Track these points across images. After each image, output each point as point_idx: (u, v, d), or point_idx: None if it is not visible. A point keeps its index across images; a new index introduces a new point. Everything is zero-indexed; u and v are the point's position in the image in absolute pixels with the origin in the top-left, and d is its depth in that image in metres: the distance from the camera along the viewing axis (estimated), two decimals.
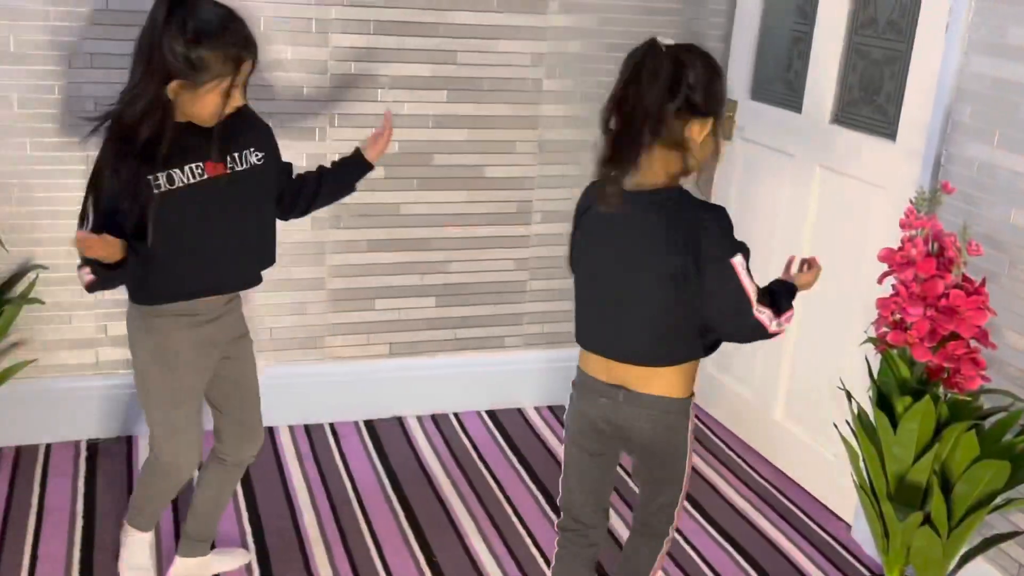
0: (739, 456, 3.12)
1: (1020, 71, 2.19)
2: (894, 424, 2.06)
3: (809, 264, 2.03)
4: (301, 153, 2.89)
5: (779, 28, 3.02)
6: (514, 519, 2.71)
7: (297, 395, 3.10)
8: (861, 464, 2.19)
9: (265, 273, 2.95)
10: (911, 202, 2.04)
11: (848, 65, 2.74)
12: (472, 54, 2.99)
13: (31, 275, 2.75)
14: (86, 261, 1.95)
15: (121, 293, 2.85)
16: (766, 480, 3.00)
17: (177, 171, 2.00)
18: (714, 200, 3.28)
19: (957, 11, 2.32)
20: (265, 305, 3.00)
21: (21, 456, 2.84)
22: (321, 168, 2.32)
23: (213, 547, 2.44)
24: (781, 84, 3.01)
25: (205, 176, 2.03)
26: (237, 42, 1.94)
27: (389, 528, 2.63)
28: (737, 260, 1.78)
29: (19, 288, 2.73)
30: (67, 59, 2.66)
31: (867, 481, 2.17)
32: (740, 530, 2.73)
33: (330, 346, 3.11)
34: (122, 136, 1.96)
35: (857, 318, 2.64)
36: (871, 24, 2.66)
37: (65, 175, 2.74)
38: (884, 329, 2.06)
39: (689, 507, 2.82)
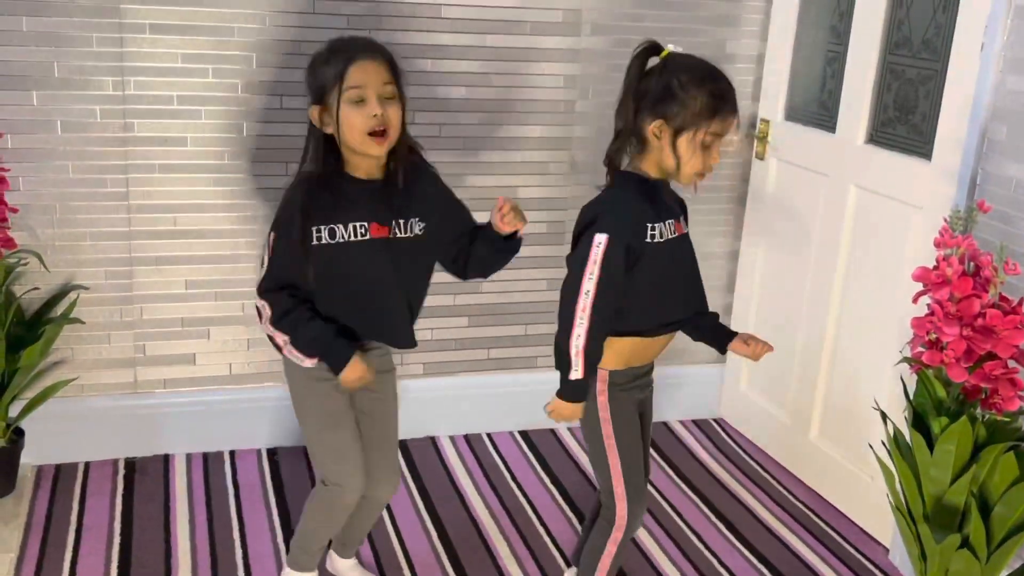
0: (774, 477, 3.10)
1: None
2: (931, 445, 2.04)
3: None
4: None
5: (813, 49, 3.02)
6: (547, 540, 2.70)
7: None
8: (897, 485, 2.16)
9: None
10: (946, 221, 2.03)
11: (882, 85, 2.73)
12: (505, 76, 3.01)
13: (72, 295, 2.79)
14: (303, 343, 2.07)
15: (160, 314, 2.91)
16: (801, 502, 2.97)
17: (340, 226, 2.05)
18: (748, 219, 3.28)
19: (992, 30, 2.31)
20: None
21: (60, 474, 2.88)
22: (475, 230, 2.25)
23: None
24: (815, 104, 3.00)
25: (368, 236, 2.07)
26: (344, 49, 2.03)
27: (422, 548, 2.64)
28: (599, 238, 1.99)
29: (60, 308, 2.78)
30: (109, 84, 2.71)
31: (904, 503, 2.14)
32: (775, 552, 2.71)
33: None
34: (300, 183, 2.07)
35: (893, 338, 2.62)
36: (905, 44, 2.65)
37: (106, 198, 2.79)
38: (920, 349, 2.04)
39: (723, 527, 2.79)
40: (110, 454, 2.97)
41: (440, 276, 3.11)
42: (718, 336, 2.20)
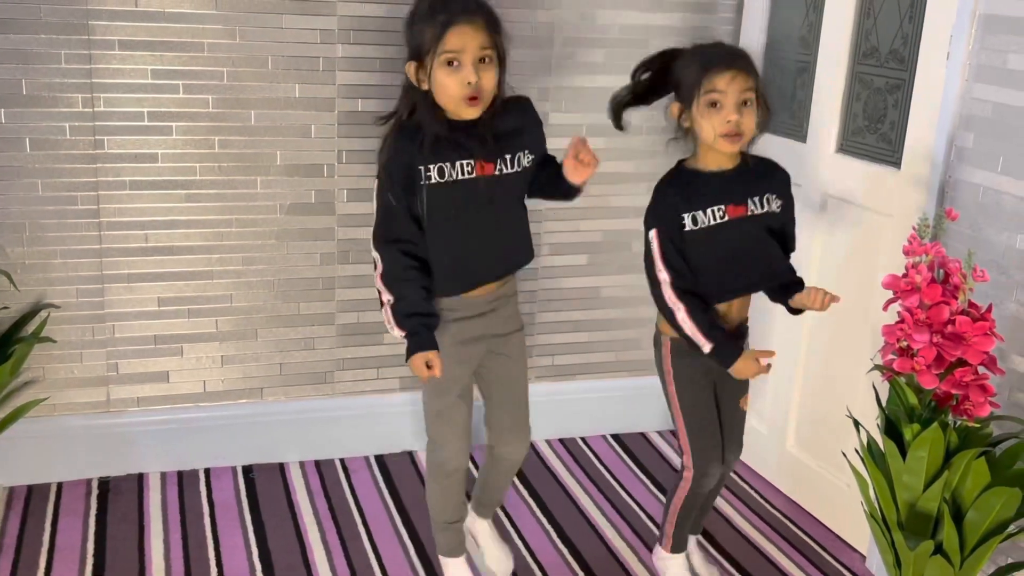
0: (751, 487, 3.10)
1: (1021, 97, 2.20)
2: (903, 452, 2.05)
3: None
4: (310, 191, 2.92)
5: (782, 59, 3.04)
6: (525, 553, 2.69)
7: (307, 430, 3.10)
8: (871, 493, 2.17)
9: (274, 308, 2.99)
10: (914, 229, 2.04)
11: (851, 94, 2.75)
12: None
13: (42, 314, 2.77)
14: (402, 314, 2.09)
15: (132, 332, 2.89)
16: (779, 511, 2.97)
17: (448, 165, 2.06)
18: None
19: (958, 39, 2.33)
20: (275, 341, 3.01)
21: (33, 494, 2.85)
22: (551, 164, 2.24)
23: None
24: (785, 114, 3.02)
25: (474, 174, 2.08)
26: (445, 9, 1.99)
27: (399, 563, 2.62)
28: (651, 234, 2.17)
29: (31, 327, 2.75)
30: (78, 100, 2.70)
31: (878, 510, 2.15)
32: (753, 561, 2.71)
33: (340, 381, 3.11)
34: (401, 129, 2.08)
35: (866, 346, 2.63)
36: (873, 53, 2.68)
37: (76, 215, 2.77)
38: (891, 356, 2.05)
39: (701, 538, 2.79)
40: (83, 474, 2.94)
41: None
42: (783, 295, 2.28)
